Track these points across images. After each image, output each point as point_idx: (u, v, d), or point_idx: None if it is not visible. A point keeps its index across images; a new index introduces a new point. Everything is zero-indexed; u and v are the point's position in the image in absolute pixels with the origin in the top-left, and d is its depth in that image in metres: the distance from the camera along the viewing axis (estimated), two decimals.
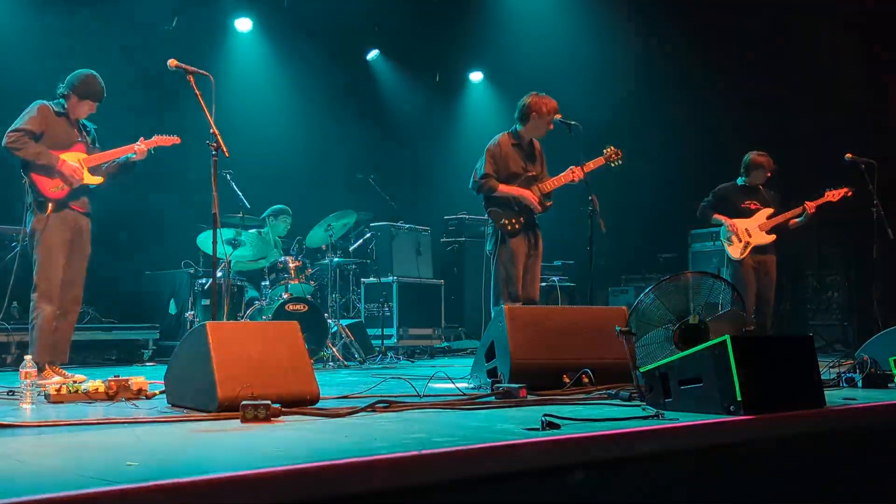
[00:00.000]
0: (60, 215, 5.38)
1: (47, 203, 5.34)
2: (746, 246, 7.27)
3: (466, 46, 12.22)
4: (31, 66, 8.32)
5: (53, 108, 5.47)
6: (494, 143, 6.09)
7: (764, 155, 7.39)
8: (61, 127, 5.48)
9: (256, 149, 9.34)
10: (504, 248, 5.94)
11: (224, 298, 7.16)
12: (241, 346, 3.70)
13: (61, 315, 5.40)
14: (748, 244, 7.27)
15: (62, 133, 5.48)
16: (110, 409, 3.82)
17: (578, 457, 2.63)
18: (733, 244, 7.32)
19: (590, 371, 4.54)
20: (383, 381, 5.01)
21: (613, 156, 6.11)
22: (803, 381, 3.49)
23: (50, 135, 5.41)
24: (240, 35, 10.70)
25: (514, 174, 6.03)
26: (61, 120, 5.49)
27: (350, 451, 2.40)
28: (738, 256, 7.29)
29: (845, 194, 7.31)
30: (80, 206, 5.50)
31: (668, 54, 10.85)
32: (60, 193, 5.38)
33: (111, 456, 2.51)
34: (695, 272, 4.18)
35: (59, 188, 5.37)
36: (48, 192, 5.34)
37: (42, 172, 5.34)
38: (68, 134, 5.51)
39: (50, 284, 5.32)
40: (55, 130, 5.44)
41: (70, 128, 5.53)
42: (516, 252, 5.93)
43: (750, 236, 7.28)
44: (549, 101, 6.00)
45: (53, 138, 5.42)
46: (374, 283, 9.39)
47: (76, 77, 5.52)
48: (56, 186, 5.36)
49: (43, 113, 5.40)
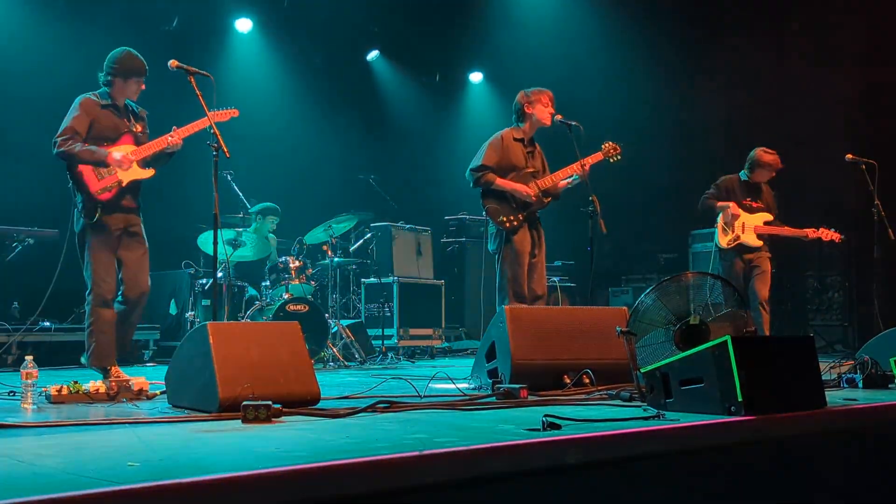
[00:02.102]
0: (110, 217, 5.11)
1: (96, 207, 5.06)
2: (736, 239, 7.21)
3: (466, 47, 12.24)
4: (32, 67, 8.34)
5: (98, 101, 5.18)
6: (497, 135, 6.11)
7: (772, 153, 7.27)
8: (108, 119, 5.18)
9: (257, 149, 9.35)
10: (508, 248, 5.92)
11: (224, 299, 7.17)
12: (242, 347, 3.71)
13: (129, 311, 5.20)
14: (737, 238, 7.21)
15: (109, 126, 5.18)
16: (111, 409, 3.82)
17: (579, 457, 2.63)
18: (725, 232, 7.24)
19: (590, 371, 4.54)
20: (384, 382, 5.02)
21: (612, 151, 6.09)
22: (804, 381, 3.49)
23: (96, 128, 5.13)
24: (240, 35, 10.70)
25: (515, 166, 6.02)
26: (107, 112, 5.19)
27: (351, 452, 2.41)
28: (724, 245, 7.24)
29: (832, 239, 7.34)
30: (130, 202, 5.22)
31: (669, 55, 10.85)
32: (108, 195, 5.10)
33: (112, 456, 2.51)
34: (695, 273, 4.18)
35: (106, 189, 5.08)
36: (97, 195, 5.07)
37: (89, 173, 5.06)
38: (115, 126, 5.21)
39: (105, 288, 5.06)
40: (101, 124, 5.15)
41: (118, 118, 5.22)
42: (520, 251, 5.91)
43: (742, 232, 7.23)
44: (537, 90, 6.09)
45: (100, 132, 5.14)
46: (375, 284, 9.39)
47: (112, 59, 5.20)
48: (104, 187, 5.08)
49: (86, 108, 5.13)
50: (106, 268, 5.10)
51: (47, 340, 7.51)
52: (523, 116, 6.10)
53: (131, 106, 5.35)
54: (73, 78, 8.15)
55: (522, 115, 6.10)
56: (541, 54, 11.15)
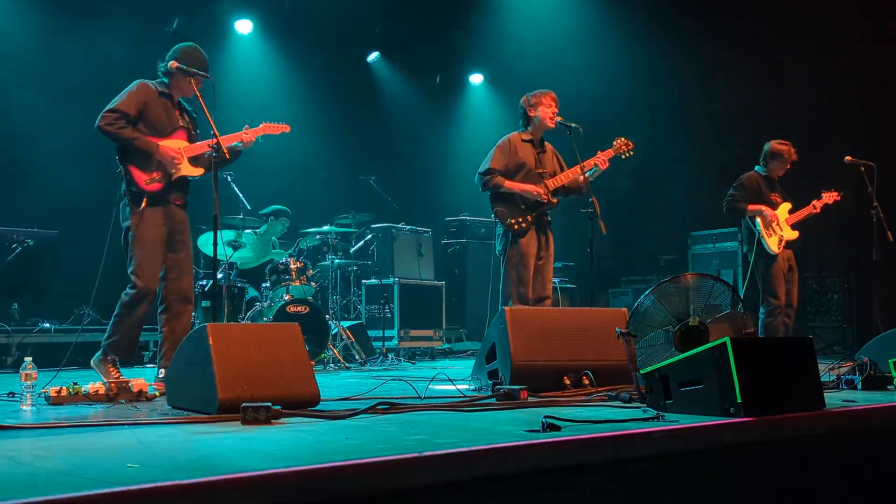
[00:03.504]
0: (157, 210, 4.90)
1: (142, 196, 4.84)
2: (781, 240, 7.08)
3: (467, 49, 12.25)
4: (33, 67, 8.35)
5: (156, 88, 4.98)
6: (505, 138, 6.14)
7: (786, 143, 7.18)
8: (164, 109, 4.98)
9: (257, 150, 9.32)
10: (514, 250, 5.92)
11: (224, 300, 7.17)
12: (242, 348, 3.71)
13: (173, 317, 4.99)
14: (782, 238, 7.09)
15: (163, 116, 4.97)
16: (110, 410, 3.82)
17: (579, 458, 2.63)
18: (771, 237, 7.03)
19: (590, 373, 4.54)
20: (384, 383, 5.02)
21: (623, 147, 6.09)
22: (803, 383, 3.49)
23: (150, 117, 4.91)
24: (240, 37, 10.71)
25: (524, 165, 6.03)
26: (163, 102, 4.99)
27: (351, 453, 2.41)
28: (777, 250, 7.03)
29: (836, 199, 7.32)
30: (177, 199, 5.03)
31: (668, 57, 10.85)
32: (157, 186, 4.89)
33: (111, 458, 2.51)
34: (695, 274, 4.18)
35: (155, 179, 4.89)
36: (143, 185, 4.85)
37: (138, 161, 4.85)
38: (170, 118, 5.00)
39: (148, 282, 4.83)
40: (156, 112, 4.93)
41: (173, 111, 5.02)
42: (526, 253, 5.91)
43: (781, 229, 7.11)
44: (539, 92, 6.11)
45: (153, 121, 4.92)
46: (375, 285, 9.39)
47: (178, 50, 5.00)
48: (152, 178, 4.88)
49: (142, 91, 4.91)
50: (152, 262, 4.87)
51: (47, 342, 7.51)
52: (528, 120, 6.14)
53: (184, 104, 5.18)
54: (75, 78, 8.21)
55: (527, 119, 6.14)
56: (541, 56, 11.16)
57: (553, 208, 6.08)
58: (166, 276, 4.97)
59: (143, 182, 4.85)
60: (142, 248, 4.82)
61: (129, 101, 4.85)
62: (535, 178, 6.02)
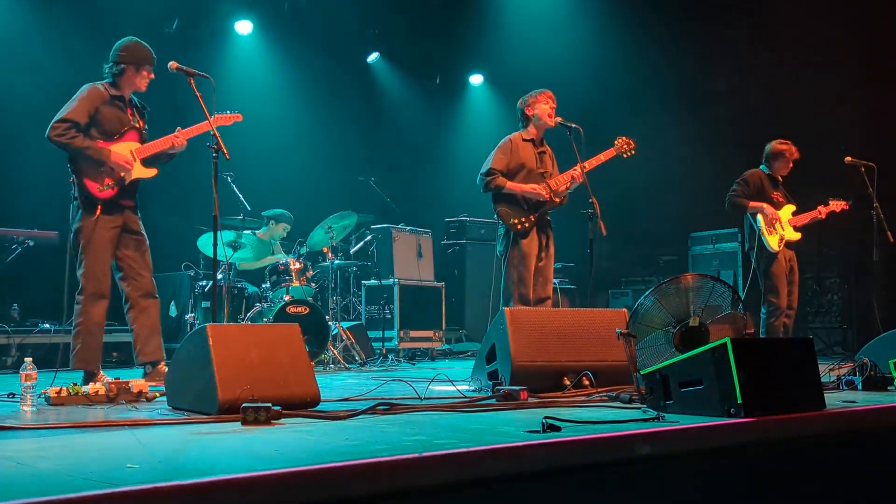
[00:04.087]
0: (110, 215, 5.00)
1: (96, 204, 4.94)
2: (781, 239, 7.10)
3: (467, 49, 12.24)
4: (31, 68, 8.34)
5: (105, 91, 5.03)
6: (506, 139, 6.14)
7: (786, 143, 7.20)
8: (114, 112, 5.05)
9: (257, 151, 9.35)
10: (515, 250, 5.93)
11: (224, 301, 7.17)
12: (242, 349, 3.70)
13: (139, 313, 5.09)
14: (782, 237, 7.11)
15: (114, 119, 5.04)
16: (110, 411, 3.82)
17: (579, 459, 2.63)
18: (772, 235, 7.06)
19: (590, 373, 4.54)
20: (384, 384, 5.02)
21: (625, 146, 6.10)
22: (803, 383, 3.49)
23: (101, 121, 4.99)
24: (240, 38, 10.71)
25: (525, 166, 6.03)
26: (114, 104, 5.05)
27: (351, 454, 2.41)
28: (777, 248, 7.06)
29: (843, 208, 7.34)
30: (128, 201, 5.12)
31: (667, 57, 10.86)
32: (109, 192, 4.98)
33: (111, 458, 2.51)
34: (695, 274, 4.18)
35: (108, 186, 4.97)
36: (97, 192, 4.95)
37: (90, 169, 4.93)
38: (121, 120, 5.07)
39: (100, 286, 4.96)
40: (106, 116, 5.01)
41: (123, 112, 5.09)
42: (528, 254, 5.92)
43: (783, 229, 7.13)
44: (535, 92, 6.13)
45: (105, 126, 5.00)
46: (375, 286, 9.39)
47: (121, 48, 5.07)
48: (105, 185, 4.96)
49: (93, 96, 4.97)
50: (101, 265, 4.99)
51: (47, 342, 7.50)
52: (526, 120, 6.15)
53: (135, 100, 5.25)
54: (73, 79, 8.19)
55: (526, 119, 6.16)
56: (541, 57, 11.16)
57: (555, 208, 6.08)
58: (127, 276, 5.08)
59: (95, 190, 4.96)
60: (91, 252, 4.95)
61: (80, 108, 4.92)
62: (536, 177, 6.03)
